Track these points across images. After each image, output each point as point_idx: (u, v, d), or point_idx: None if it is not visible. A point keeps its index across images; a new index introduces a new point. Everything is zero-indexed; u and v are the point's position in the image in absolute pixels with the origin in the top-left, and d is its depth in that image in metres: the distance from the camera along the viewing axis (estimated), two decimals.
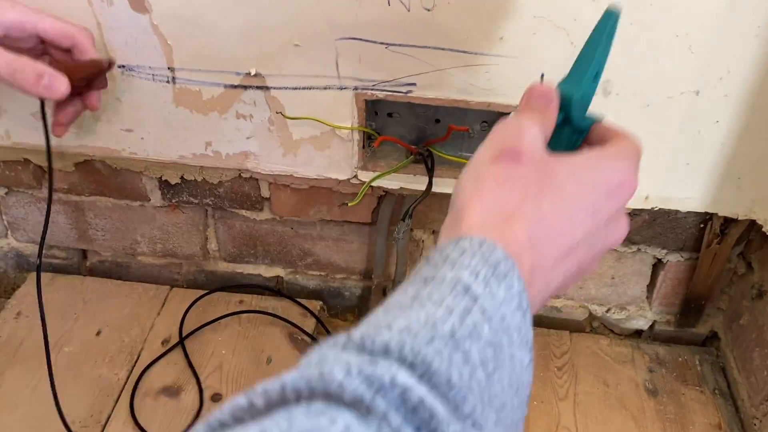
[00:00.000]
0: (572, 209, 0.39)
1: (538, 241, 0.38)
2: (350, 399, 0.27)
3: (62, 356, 0.87)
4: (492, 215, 0.38)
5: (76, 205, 0.94)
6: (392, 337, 0.30)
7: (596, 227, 0.41)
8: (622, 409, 0.84)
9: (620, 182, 0.42)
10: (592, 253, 0.42)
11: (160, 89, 0.75)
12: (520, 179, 0.40)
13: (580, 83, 0.45)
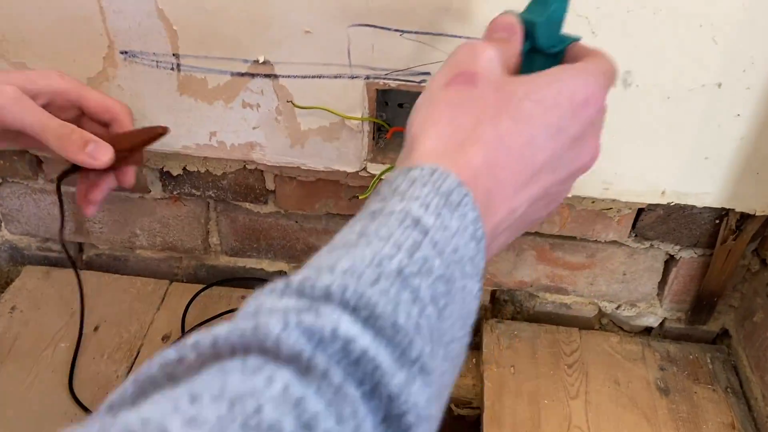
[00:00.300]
0: (533, 129, 0.37)
1: (496, 165, 0.36)
2: (288, 355, 0.25)
3: (59, 352, 0.85)
4: (445, 141, 0.36)
5: (74, 197, 0.91)
6: (334, 280, 0.28)
7: (560, 148, 0.38)
8: (634, 407, 0.82)
9: (585, 98, 0.39)
10: (559, 177, 0.40)
11: (164, 77, 0.73)
12: (475, 101, 0.38)
13: (546, 6, 0.42)
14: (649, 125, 0.71)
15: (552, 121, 0.38)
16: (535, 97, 0.38)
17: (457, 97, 0.38)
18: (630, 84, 0.68)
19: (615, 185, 0.76)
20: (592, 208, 0.81)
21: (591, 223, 0.83)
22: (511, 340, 0.90)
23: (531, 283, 0.91)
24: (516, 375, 0.86)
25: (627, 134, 0.72)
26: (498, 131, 0.37)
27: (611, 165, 0.74)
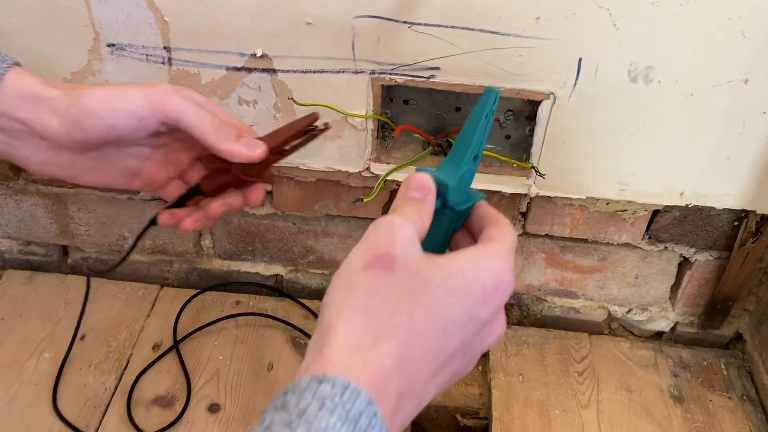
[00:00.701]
0: (446, 320, 0.38)
1: (409, 360, 0.36)
2: None
3: (42, 363, 0.80)
4: (360, 335, 0.36)
5: (57, 198, 0.86)
6: None
7: (471, 334, 0.39)
8: (647, 416, 0.79)
9: (496, 285, 0.40)
10: (466, 360, 0.41)
11: (154, 71, 0.68)
12: (391, 289, 0.38)
13: (459, 167, 0.45)
14: (669, 123, 0.67)
15: (464, 310, 0.38)
16: (450, 285, 0.39)
17: (374, 283, 0.38)
18: (651, 80, 0.64)
19: (631, 186, 0.72)
20: (606, 210, 0.77)
21: (604, 225, 0.79)
22: (518, 346, 0.87)
23: (539, 287, 0.87)
24: (524, 383, 0.82)
25: (646, 133, 0.68)
26: (412, 323, 0.37)
27: (628, 165, 0.71)
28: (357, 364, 0.34)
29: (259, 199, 0.58)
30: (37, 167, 0.52)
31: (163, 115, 0.50)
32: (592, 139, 0.69)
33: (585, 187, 0.73)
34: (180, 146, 0.56)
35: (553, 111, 0.67)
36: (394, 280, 0.38)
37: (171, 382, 0.79)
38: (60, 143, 0.50)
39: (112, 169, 0.54)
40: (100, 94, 0.49)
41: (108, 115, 0.49)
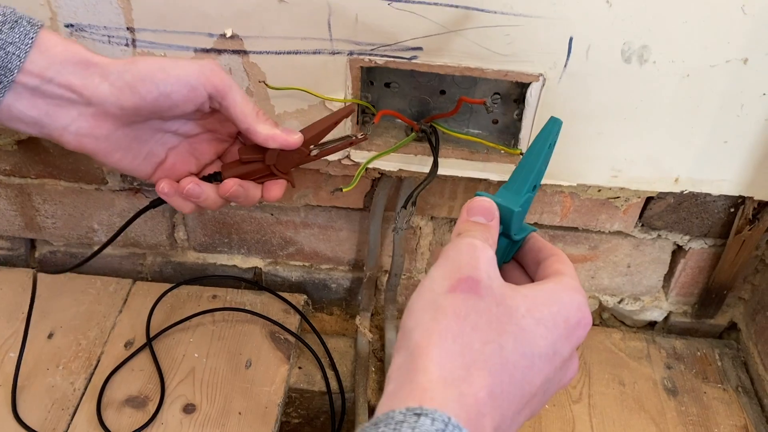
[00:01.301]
0: (533, 353, 0.37)
1: (500, 394, 0.36)
2: None
3: (7, 363, 0.76)
4: (452, 364, 0.35)
5: (21, 189, 0.81)
6: None
7: (554, 370, 0.39)
8: (640, 410, 0.77)
9: (579, 320, 0.39)
10: (545, 398, 0.40)
11: (117, 53, 0.64)
12: (480, 314, 0.37)
13: (519, 195, 0.44)
14: (664, 106, 0.64)
15: (550, 343, 0.38)
16: (537, 316, 0.38)
17: (463, 307, 0.37)
18: (646, 60, 0.61)
19: (624, 172, 0.69)
20: (598, 197, 0.74)
21: (595, 212, 0.76)
22: None
23: None
24: None
25: (640, 117, 0.64)
26: (503, 354, 0.36)
27: (621, 150, 0.67)
28: (453, 395, 0.33)
29: (279, 194, 0.58)
30: (74, 138, 0.51)
31: (213, 87, 0.51)
32: (584, 123, 0.65)
33: (576, 173, 0.69)
34: (208, 138, 0.57)
35: (542, 94, 0.63)
36: (482, 305, 0.37)
37: (144, 382, 0.75)
38: (107, 111, 0.50)
39: (141, 153, 0.55)
40: (155, 61, 0.50)
41: (163, 80, 0.49)
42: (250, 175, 0.56)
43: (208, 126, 0.57)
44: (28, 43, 0.47)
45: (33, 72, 0.48)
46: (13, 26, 0.47)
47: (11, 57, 0.46)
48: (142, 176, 0.56)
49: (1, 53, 0.46)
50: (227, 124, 0.57)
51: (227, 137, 0.58)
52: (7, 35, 0.46)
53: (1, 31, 0.46)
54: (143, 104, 0.50)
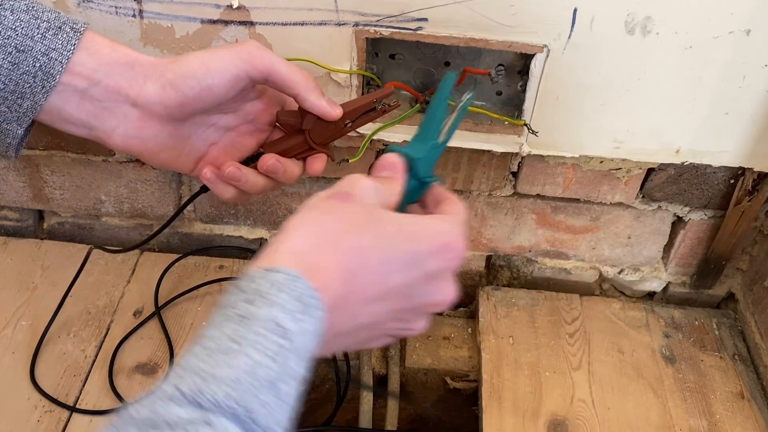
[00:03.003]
0: (391, 252, 0.42)
1: (351, 272, 0.40)
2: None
3: (19, 331, 0.77)
4: (308, 243, 0.40)
5: (29, 161, 0.82)
6: (222, 393, 0.32)
7: (416, 279, 0.43)
8: (639, 378, 0.78)
9: (444, 243, 0.44)
10: (411, 304, 0.44)
11: (124, 25, 0.64)
12: (345, 212, 0.43)
13: (425, 143, 0.50)
14: (667, 78, 0.64)
15: (409, 251, 0.43)
16: (399, 227, 0.43)
17: (330, 206, 0.43)
18: (649, 32, 0.61)
19: (626, 143, 0.70)
20: (600, 169, 0.75)
21: (597, 184, 0.77)
22: (508, 308, 0.85)
23: (530, 248, 0.85)
24: (515, 345, 0.81)
25: (642, 88, 0.65)
26: (359, 242, 0.41)
27: (623, 122, 0.68)
28: (302, 262, 0.39)
29: (320, 168, 0.59)
30: (122, 140, 0.52)
31: (254, 69, 0.51)
32: (587, 95, 0.66)
33: (579, 145, 0.70)
34: (247, 129, 0.58)
35: (546, 65, 0.64)
36: (350, 208, 0.43)
37: (153, 349, 0.77)
38: (152, 110, 0.51)
39: (184, 150, 0.56)
40: (194, 57, 0.51)
41: (203, 75, 0.50)
42: (290, 152, 0.57)
43: (247, 116, 0.58)
44: (71, 49, 0.48)
45: (82, 74, 0.49)
46: (57, 32, 0.48)
47: (54, 63, 0.48)
48: (185, 171, 0.58)
49: (44, 59, 0.48)
50: (266, 112, 0.58)
51: (266, 126, 0.59)
52: (51, 41, 0.48)
53: (45, 37, 0.48)
54: (187, 101, 0.51)
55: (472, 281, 0.90)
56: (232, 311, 0.36)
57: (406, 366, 0.83)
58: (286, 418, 0.35)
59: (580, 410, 0.74)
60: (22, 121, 0.50)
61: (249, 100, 0.57)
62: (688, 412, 0.75)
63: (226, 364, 0.33)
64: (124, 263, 0.87)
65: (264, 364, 0.34)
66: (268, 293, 0.36)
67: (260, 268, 0.38)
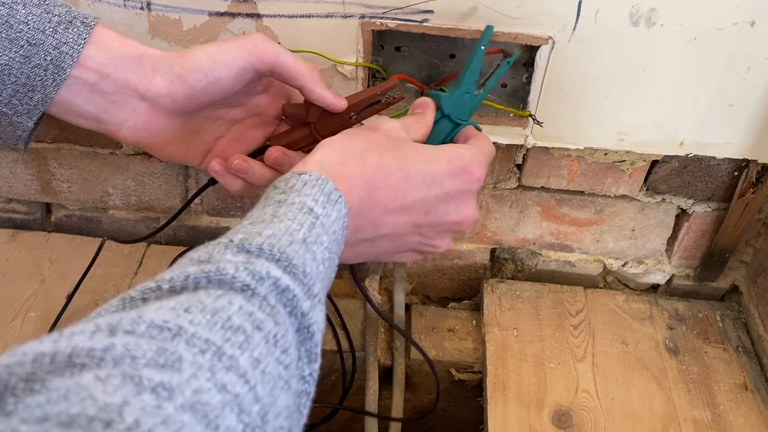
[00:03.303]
0: (410, 172, 0.48)
1: (373, 185, 0.47)
2: (240, 286, 0.36)
3: (28, 323, 0.78)
4: (333, 156, 0.47)
5: (37, 153, 0.83)
6: (264, 241, 0.39)
7: (434, 197, 0.49)
8: (642, 369, 0.79)
9: (463, 166, 0.50)
10: (430, 221, 0.50)
11: (132, 18, 0.65)
12: (369, 138, 0.49)
13: (458, 85, 0.56)
14: (671, 70, 0.65)
15: (428, 171, 0.49)
16: (420, 152, 0.50)
17: (356, 132, 0.50)
18: (654, 23, 0.62)
19: (631, 136, 0.70)
20: (604, 161, 0.75)
21: (601, 176, 0.77)
22: (513, 300, 0.86)
23: (534, 241, 0.86)
24: (519, 337, 0.81)
25: (647, 80, 0.66)
26: (381, 160, 0.48)
27: (628, 114, 0.68)
28: (328, 170, 0.46)
29: None
30: (131, 133, 0.53)
31: (260, 61, 0.52)
32: (592, 87, 0.66)
33: (583, 137, 0.71)
34: (254, 122, 0.59)
35: (551, 57, 0.64)
36: (374, 135, 0.50)
37: None
38: (160, 104, 0.52)
39: (193, 143, 0.57)
40: (202, 50, 0.52)
41: (210, 68, 0.51)
42: (297, 144, 0.58)
43: (254, 110, 0.58)
44: (81, 43, 0.49)
45: (92, 68, 0.50)
46: (68, 26, 0.49)
47: (65, 57, 0.48)
48: (193, 164, 0.59)
49: (55, 53, 0.48)
50: (273, 105, 0.58)
51: (273, 119, 0.60)
52: (62, 35, 0.48)
53: (56, 31, 0.48)
54: (194, 93, 0.52)
55: (476, 274, 0.90)
56: (271, 200, 0.43)
57: (411, 357, 0.84)
58: (320, 277, 0.41)
59: (584, 401, 0.75)
60: (33, 114, 0.50)
61: (256, 93, 0.57)
62: (692, 403, 0.75)
63: (268, 227, 0.41)
64: (131, 256, 0.88)
65: (297, 229, 0.41)
66: (299, 189, 0.43)
67: (292, 172, 0.45)
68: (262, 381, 0.33)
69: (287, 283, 0.38)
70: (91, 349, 0.30)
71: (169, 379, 0.29)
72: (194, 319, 0.33)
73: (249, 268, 0.37)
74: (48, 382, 0.28)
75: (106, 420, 0.26)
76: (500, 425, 0.72)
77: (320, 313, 0.41)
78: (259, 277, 0.37)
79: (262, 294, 0.36)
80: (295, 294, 0.38)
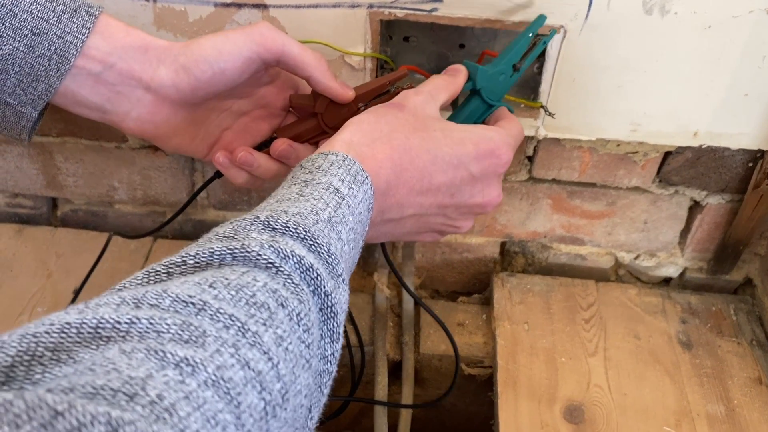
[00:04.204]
0: (437, 153, 0.48)
1: (399, 166, 0.47)
2: (264, 264, 0.36)
3: (35, 318, 0.77)
4: (361, 136, 0.47)
5: (43, 147, 0.82)
6: (289, 219, 0.39)
7: (460, 179, 0.49)
8: (655, 363, 0.78)
9: (491, 149, 0.50)
10: (456, 202, 0.50)
11: (137, 9, 0.64)
12: (397, 117, 0.49)
13: (496, 65, 0.56)
14: (685, 59, 0.64)
15: (455, 154, 0.49)
16: (447, 133, 0.49)
17: (384, 111, 0.50)
18: (668, 12, 0.60)
19: (643, 126, 0.69)
20: (616, 152, 0.74)
21: (613, 168, 0.76)
22: (523, 294, 0.85)
23: (545, 234, 0.85)
24: (530, 332, 0.80)
25: (659, 70, 0.64)
26: (408, 142, 0.48)
27: (641, 104, 0.67)
28: (355, 150, 0.46)
29: None
30: (135, 124, 0.53)
31: (266, 51, 0.51)
32: (604, 77, 0.65)
33: (595, 127, 0.69)
34: (261, 114, 0.58)
35: (563, 46, 0.63)
36: (401, 115, 0.49)
37: None
38: (165, 95, 0.51)
39: (198, 135, 0.56)
40: (207, 40, 0.51)
41: (216, 59, 0.50)
42: (304, 135, 0.57)
43: (261, 101, 0.57)
44: (86, 33, 0.48)
45: (96, 58, 0.49)
46: (72, 16, 0.48)
47: (69, 46, 0.48)
48: (199, 156, 0.58)
49: (59, 42, 0.48)
50: (280, 96, 0.58)
51: (280, 111, 0.59)
52: (66, 25, 0.48)
53: (60, 20, 0.47)
54: (199, 84, 0.51)
55: (486, 267, 0.89)
56: (297, 179, 0.44)
57: (421, 352, 0.83)
58: (345, 257, 0.41)
59: (596, 396, 0.74)
60: (37, 104, 0.50)
61: (262, 84, 0.56)
62: (706, 397, 0.74)
63: (294, 206, 0.41)
64: (137, 251, 0.87)
65: (323, 208, 0.41)
66: (326, 168, 0.44)
67: (319, 152, 0.46)
68: (285, 359, 0.33)
69: (311, 261, 0.38)
70: (117, 321, 0.30)
71: (193, 354, 0.29)
72: (219, 294, 0.33)
73: (274, 246, 0.37)
74: (75, 353, 0.28)
75: (130, 393, 0.26)
76: (511, 420, 0.71)
77: (344, 293, 0.40)
78: (284, 255, 0.37)
79: (286, 272, 0.36)
80: (319, 273, 0.38)
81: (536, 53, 0.57)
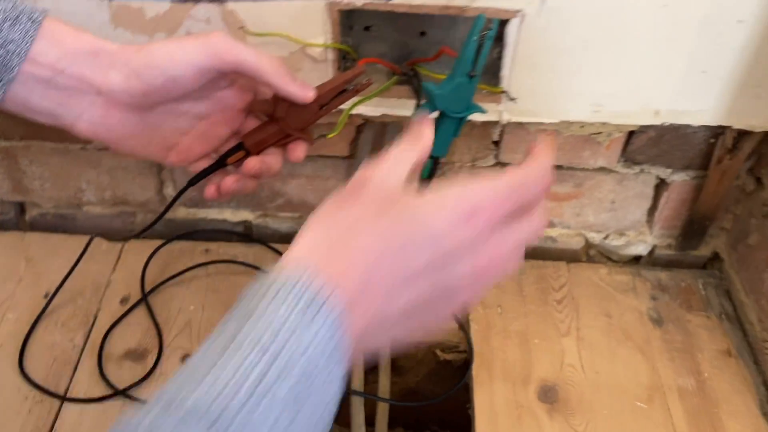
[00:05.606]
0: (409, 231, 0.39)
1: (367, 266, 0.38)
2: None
3: (6, 324, 0.77)
4: (322, 235, 0.39)
5: (7, 152, 0.81)
6: (198, 399, 0.32)
7: (443, 251, 0.39)
8: (627, 341, 0.79)
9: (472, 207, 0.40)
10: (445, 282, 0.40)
11: (93, 7, 0.63)
12: (360, 201, 0.41)
13: (452, 79, 0.56)
14: (643, 38, 0.64)
15: (430, 225, 0.39)
16: (418, 204, 0.40)
17: (346, 193, 0.42)
18: None
19: (606, 107, 0.70)
20: (581, 134, 0.75)
21: (579, 149, 0.77)
22: None
23: None
24: (503, 315, 0.81)
25: (618, 50, 0.65)
26: (376, 229, 0.39)
27: (602, 85, 0.68)
28: (312, 262, 0.37)
29: (301, 155, 0.58)
30: (87, 127, 0.52)
31: (222, 62, 0.50)
32: (564, 59, 0.66)
33: (558, 110, 0.70)
34: (221, 116, 0.57)
35: (522, 30, 0.63)
36: (365, 192, 0.41)
37: (142, 336, 0.77)
38: (117, 99, 0.51)
39: (154, 138, 0.55)
40: (160, 47, 0.50)
41: (167, 66, 0.49)
42: (268, 141, 0.57)
43: (219, 105, 0.56)
44: (29, 41, 0.47)
45: (45, 64, 0.48)
46: (14, 23, 0.47)
47: (11, 56, 0.47)
48: (156, 159, 0.57)
49: (2, 51, 0.47)
50: (239, 99, 0.57)
51: (240, 114, 0.58)
52: (8, 33, 0.47)
53: (0, 29, 0.46)
54: (151, 90, 0.51)
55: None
56: (232, 317, 0.36)
57: None
58: (282, 425, 0.34)
59: (569, 375, 0.75)
60: None
61: (220, 88, 0.55)
62: (676, 371, 0.76)
63: (211, 373, 0.34)
64: (108, 251, 0.86)
65: (249, 371, 0.33)
66: (269, 300, 0.35)
67: (268, 273, 0.38)
68: None
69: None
70: None
71: None
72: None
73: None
74: None
75: None
76: (486, 404, 0.72)
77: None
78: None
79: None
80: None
81: (485, 53, 0.55)
